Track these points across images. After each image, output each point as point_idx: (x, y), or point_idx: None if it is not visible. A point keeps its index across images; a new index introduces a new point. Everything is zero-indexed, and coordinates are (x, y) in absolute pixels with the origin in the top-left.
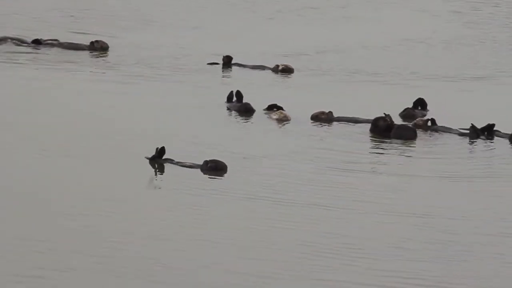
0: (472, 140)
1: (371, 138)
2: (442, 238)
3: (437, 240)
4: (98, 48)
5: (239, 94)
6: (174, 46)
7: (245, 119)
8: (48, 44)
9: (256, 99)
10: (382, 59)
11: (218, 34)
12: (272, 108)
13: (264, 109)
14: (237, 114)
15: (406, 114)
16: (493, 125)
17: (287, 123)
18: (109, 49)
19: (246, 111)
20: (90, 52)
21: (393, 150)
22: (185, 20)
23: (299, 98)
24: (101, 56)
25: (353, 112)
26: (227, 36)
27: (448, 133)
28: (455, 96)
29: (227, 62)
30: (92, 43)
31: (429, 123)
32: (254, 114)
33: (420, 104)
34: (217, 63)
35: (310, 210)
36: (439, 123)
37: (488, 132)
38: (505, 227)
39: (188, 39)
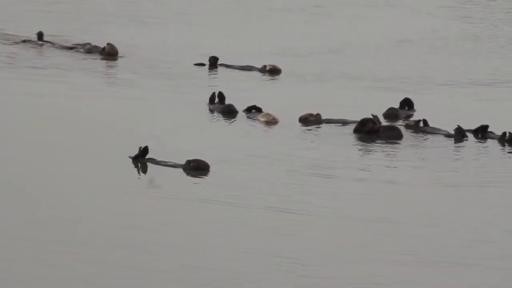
0: (458, 142)
1: (356, 140)
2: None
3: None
4: (105, 53)
5: (221, 95)
6: (160, 45)
7: (228, 121)
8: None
9: (243, 100)
10: (371, 60)
11: (208, 33)
12: (251, 109)
13: (244, 111)
14: (221, 115)
15: (389, 114)
16: (487, 126)
17: (274, 125)
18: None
19: (229, 112)
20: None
21: (378, 153)
22: (174, 18)
23: (286, 99)
24: (109, 61)
25: (340, 114)
26: (217, 35)
27: (438, 135)
28: (446, 99)
29: (214, 63)
30: (103, 48)
31: (421, 124)
32: (238, 116)
33: (407, 104)
34: (203, 64)
35: (267, 215)
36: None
37: (482, 133)
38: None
39: (175, 38)
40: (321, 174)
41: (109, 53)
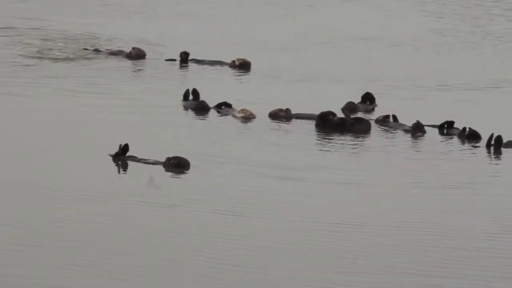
0: (415, 137)
1: (324, 135)
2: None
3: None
4: (134, 56)
5: (195, 92)
6: (130, 39)
7: (200, 118)
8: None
9: (214, 95)
10: (339, 58)
11: (180, 28)
12: (221, 106)
13: (214, 107)
14: (193, 112)
15: (347, 108)
16: (452, 122)
17: (248, 121)
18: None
19: (201, 109)
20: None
21: (340, 151)
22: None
23: (256, 94)
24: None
25: (309, 109)
26: (188, 31)
27: (399, 130)
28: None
29: (185, 58)
30: (130, 51)
31: (391, 119)
32: (210, 112)
33: (368, 98)
34: (174, 59)
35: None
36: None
37: (447, 129)
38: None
39: (145, 32)
40: (281, 175)
41: (138, 55)
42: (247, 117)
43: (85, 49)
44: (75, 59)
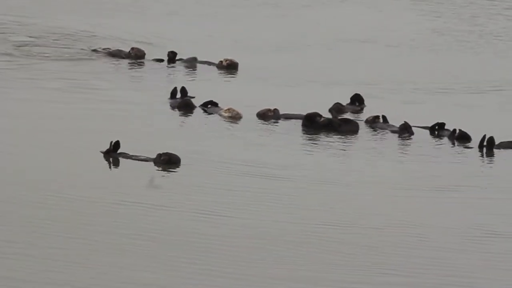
0: (402, 138)
1: (312, 136)
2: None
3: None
4: (133, 56)
5: (184, 91)
6: (117, 39)
7: (185, 116)
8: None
9: (200, 95)
10: (334, 59)
11: (172, 28)
12: (207, 104)
13: (200, 106)
14: (178, 110)
15: (334, 108)
16: (443, 123)
17: (238, 120)
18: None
19: (186, 106)
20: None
21: (325, 151)
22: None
23: (244, 94)
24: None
25: (297, 109)
26: (180, 31)
27: (386, 131)
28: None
29: (172, 58)
30: (129, 51)
31: (381, 120)
32: (195, 110)
33: (357, 99)
34: (162, 60)
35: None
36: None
37: (438, 130)
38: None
39: (134, 31)
40: (264, 174)
41: (137, 55)
42: (234, 117)
43: (82, 49)
44: (69, 58)
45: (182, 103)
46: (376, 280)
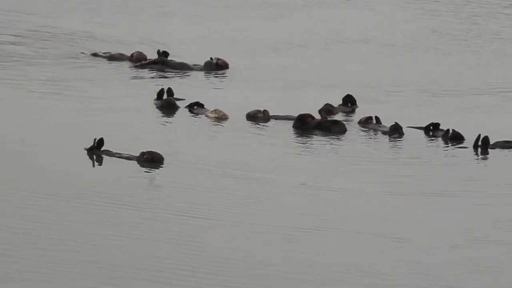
0: (392, 138)
1: (302, 137)
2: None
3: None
4: (135, 59)
5: (170, 91)
6: (108, 39)
7: (168, 116)
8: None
9: (190, 95)
10: (325, 59)
11: (166, 29)
12: (193, 105)
13: (186, 107)
14: (160, 110)
15: (324, 109)
16: (438, 124)
17: (224, 121)
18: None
19: (168, 107)
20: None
21: (313, 153)
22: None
23: (233, 95)
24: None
25: (292, 111)
26: (174, 32)
27: (377, 132)
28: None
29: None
30: (132, 55)
31: (374, 121)
32: (179, 111)
33: (349, 100)
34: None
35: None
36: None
37: (433, 131)
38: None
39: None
40: (248, 177)
41: (138, 59)
42: (220, 118)
43: (82, 53)
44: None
45: (164, 102)
46: (361, 282)
